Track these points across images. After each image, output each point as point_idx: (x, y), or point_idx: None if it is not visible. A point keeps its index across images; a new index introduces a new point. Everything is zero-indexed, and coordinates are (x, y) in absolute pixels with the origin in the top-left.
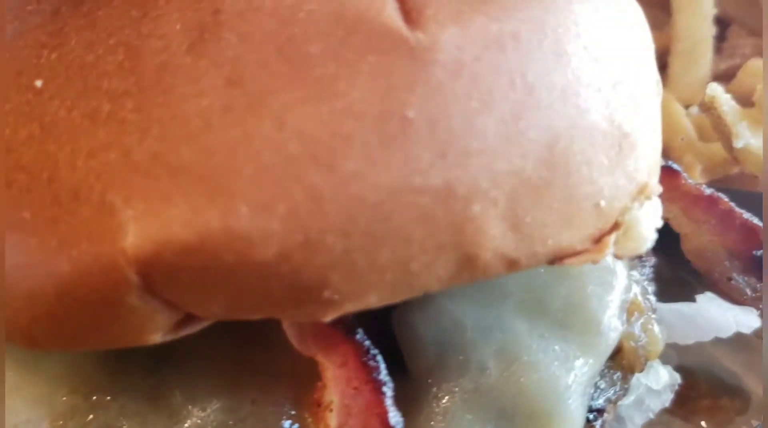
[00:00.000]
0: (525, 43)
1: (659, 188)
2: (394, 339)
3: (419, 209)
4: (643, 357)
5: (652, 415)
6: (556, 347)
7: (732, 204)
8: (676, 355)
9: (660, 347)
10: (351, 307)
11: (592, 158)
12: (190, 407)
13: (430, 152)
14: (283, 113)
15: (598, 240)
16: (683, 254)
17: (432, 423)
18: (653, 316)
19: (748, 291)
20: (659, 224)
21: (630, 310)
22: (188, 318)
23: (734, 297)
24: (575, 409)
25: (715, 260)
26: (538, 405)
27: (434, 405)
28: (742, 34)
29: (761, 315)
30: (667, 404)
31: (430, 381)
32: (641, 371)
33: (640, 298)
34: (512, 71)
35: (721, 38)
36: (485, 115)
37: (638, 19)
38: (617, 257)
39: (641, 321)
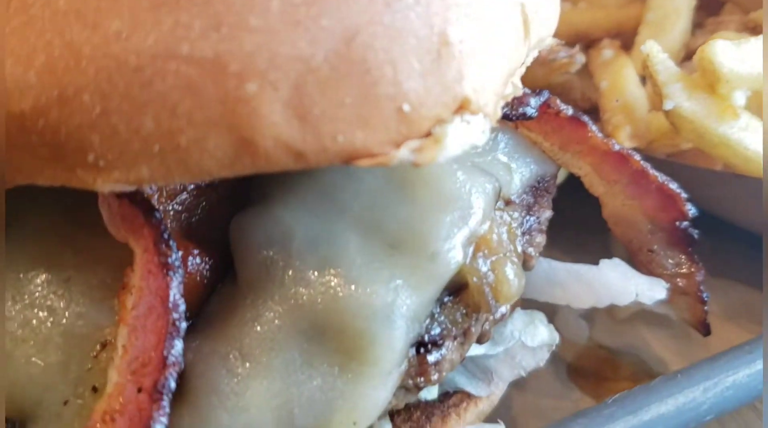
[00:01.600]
0: None
1: (495, 112)
2: None
3: (185, 79)
4: (489, 297)
5: (523, 373)
6: (383, 266)
7: (646, 164)
8: (603, 330)
9: (512, 291)
10: (121, 176)
11: (398, 59)
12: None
13: (202, 21)
14: None
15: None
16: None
17: (243, 327)
18: (514, 259)
19: (670, 266)
20: (480, 142)
21: (478, 245)
22: None
23: (654, 271)
24: (394, 333)
25: (634, 228)
26: (350, 322)
27: (249, 309)
28: (735, 11)
29: (671, 289)
30: (541, 364)
31: (251, 285)
32: (488, 312)
33: (496, 237)
34: None
35: (713, 14)
36: None
37: None
38: (415, 164)
39: (492, 259)
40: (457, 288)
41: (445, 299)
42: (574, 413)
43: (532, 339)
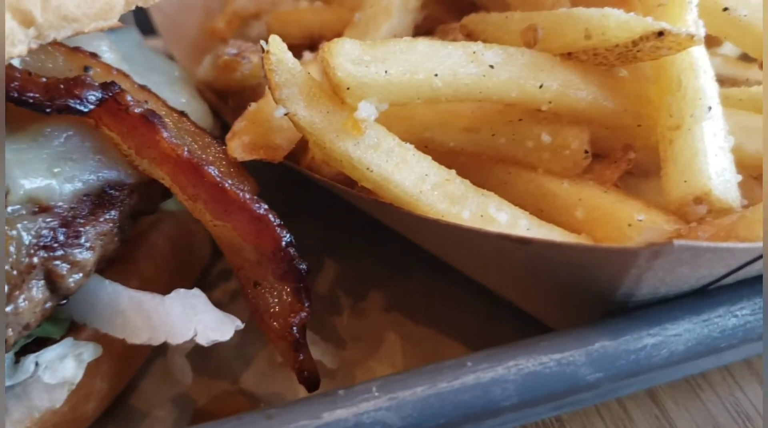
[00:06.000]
0: None
1: None
2: None
3: None
4: None
5: (37, 414)
6: None
7: (223, 180)
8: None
9: None
10: None
11: None
12: None
13: None
14: None
15: None
16: None
17: None
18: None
19: (272, 303)
20: None
21: None
22: None
23: (259, 309)
24: None
25: (240, 255)
26: None
27: None
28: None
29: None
30: (57, 405)
31: None
32: None
33: None
34: None
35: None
36: None
37: None
38: None
39: None
40: None
41: None
42: None
43: (54, 375)
